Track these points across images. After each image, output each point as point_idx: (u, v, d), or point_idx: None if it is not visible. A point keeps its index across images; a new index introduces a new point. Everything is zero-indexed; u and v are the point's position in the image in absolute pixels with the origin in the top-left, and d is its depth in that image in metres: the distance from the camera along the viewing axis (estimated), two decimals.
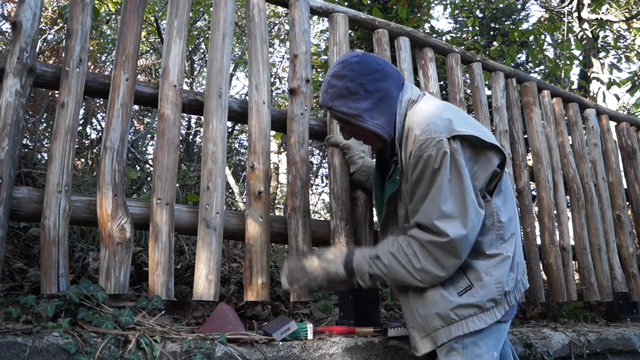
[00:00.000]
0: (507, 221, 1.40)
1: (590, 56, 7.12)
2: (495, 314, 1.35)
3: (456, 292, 1.36)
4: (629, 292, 2.90)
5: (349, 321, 1.80)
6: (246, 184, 1.82)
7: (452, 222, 1.29)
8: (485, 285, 1.34)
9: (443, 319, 1.36)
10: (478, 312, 1.34)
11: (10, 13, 4.72)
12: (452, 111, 1.40)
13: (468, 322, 1.34)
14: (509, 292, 1.38)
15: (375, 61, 1.43)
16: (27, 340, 1.13)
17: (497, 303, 1.35)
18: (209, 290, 1.58)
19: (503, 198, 1.42)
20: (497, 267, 1.36)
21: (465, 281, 1.37)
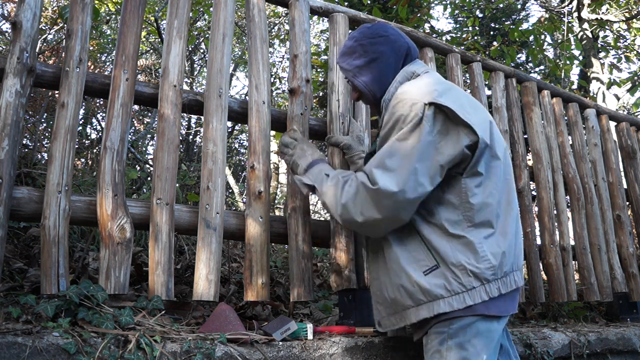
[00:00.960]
0: (479, 205, 1.34)
1: (590, 56, 7.12)
2: (465, 300, 1.30)
3: (421, 271, 1.34)
4: (629, 292, 2.90)
5: (349, 321, 1.80)
6: (246, 184, 1.82)
7: (387, 175, 1.31)
8: (450, 266, 1.31)
9: (412, 298, 1.36)
10: (445, 295, 1.31)
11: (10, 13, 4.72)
12: (445, 86, 1.40)
13: (434, 304, 1.32)
14: (486, 280, 1.31)
15: (383, 28, 1.53)
16: (27, 340, 1.13)
17: (466, 288, 1.30)
18: (209, 290, 1.58)
19: (482, 182, 1.35)
20: (461, 250, 1.32)
21: (431, 259, 1.34)
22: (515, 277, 1.39)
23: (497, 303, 1.34)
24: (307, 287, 1.75)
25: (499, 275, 1.34)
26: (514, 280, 1.38)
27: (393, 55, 1.50)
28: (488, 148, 1.36)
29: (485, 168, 1.37)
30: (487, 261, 1.32)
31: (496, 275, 1.33)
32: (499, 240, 1.36)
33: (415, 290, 1.34)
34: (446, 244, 1.33)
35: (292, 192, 1.85)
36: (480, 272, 1.31)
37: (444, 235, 1.34)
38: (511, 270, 1.38)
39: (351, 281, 1.79)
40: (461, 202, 1.34)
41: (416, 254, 1.36)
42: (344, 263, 1.81)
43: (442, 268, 1.32)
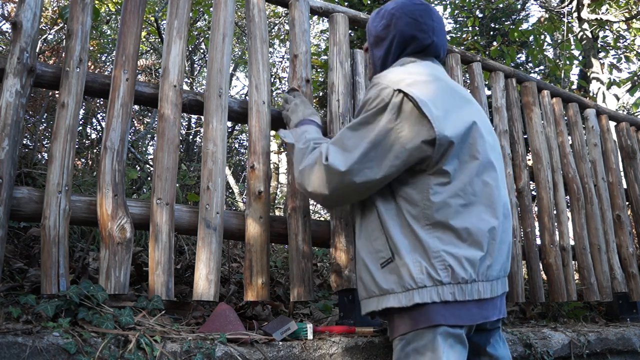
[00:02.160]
0: (439, 204, 1.28)
1: (590, 56, 7.12)
2: (414, 297, 1.25)
3: (379, 263, 1.34)
4: (628, 292, 2.90)
5: (349, 321, 1.80)
6: (246, 184, 1.82)
7: (339, 154, 1.33)
8: (406, 261, 1.27)
9: (366, 289, 1.36)
10: (397, 290, 1.28)
11: (10, 13, 4.72)
12: (425, 77, 1.36)
13: (383, 298, 1.30)
14: (439, 282, 1.25)
15: (408, 10, 1.48)
16: (27, 340, 1.13)
17: (417, 285, 1.25)
18: (209, 290, 1.58)
19: (449, 182, 1.30)
20: (417, 247, 1.27)
21: (388, 252, 1.32)
22: (480, 287, 1.28)
23: (459, 312, 1.26)
24: (307, 287, 1.75)
25: (456, 280, 1.26)
26: (477, 290, 1.28)
27: (396, 41, 1.50)
28: (458, 147, 1.30)
29: (456, 168, 1.31)
30: (441, 262, 1.26)
31: (451, 280, 1.26)
32: (459, 245, 1.28)
33: (369, 281, 1.35)
34: (404, 239, 1.30)
35: (292, 192, 1.85)
36: (433, 272, 1.26)
37: (404, 229, 1.31)
38: (475, 279, 1.28)
39: (351, 281, 1.79)
40: (422, 199, 1.30)
41: (376, 244, 1.36)
42: (344, 263, 1.81)
43: (397, 262, 1.29)
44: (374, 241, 1.36)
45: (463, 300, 1.26)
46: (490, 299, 1.33)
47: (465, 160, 1.33)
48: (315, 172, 1.36)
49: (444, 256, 1.26)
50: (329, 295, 2.75)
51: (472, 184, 1.32)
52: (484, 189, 1.34)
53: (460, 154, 1.32)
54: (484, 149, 1.36)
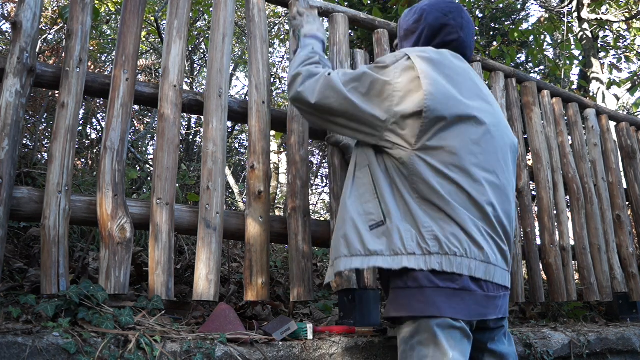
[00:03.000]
0: (425, 182, 1.30)
1: (590, 56, 7.12)
2: (403, 262, 1.26)
3: (368, 225, 1.33)
4: (628, 292, 2.90)
5: (349, 321, 1.80)
6: (246, 184, 1.82)
7: (341, 74, 1.44)
8: (397, 225, 1.29)
9: (349, 247, 1.34)
10: (386, 253, 1.28)
11: (10, 13, 4.72)
12: (438, 57, 1.41)
13: (370, 258, 1.29)
14: (428, 251, 1.26)
15: (439, 7, 1.55)
16: (27, 340, 1.13)
17: (407, 251, 1.26)
18: (209, 290, 1.58)
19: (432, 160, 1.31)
20: (407, 216, 1.30)
21: (380, 215, 1.33)
22: (471, 264, 1.28)
23: (456, 305, 1.26)
24: (307, 287, 1.75)
25: (444, 251, 1.26)
26: (467, 266, 1.27)
27: (424, 32, 1.56)
28: (445, 128, 1.31)
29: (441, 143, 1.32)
30: (430, 233, 1.27)
31: (439, 250, 1.26)
32: (448, 222, 1.29)
33: (356, 240, 1.33)
34: (395, 206, 1.32)
35: (292, 192, 1.85)
36: (422, 242, 1.27)
37: (396, 197, 1.33)
38: (465, 255, 1.28)
39: (351, 281, 1.79)
40: (409, 174, 1.32)
41: (367, 206, 1.36)
42: None
43: (388, 226, 1.30)
44: (365, 203, 1.37)
45: (451, 272, 1.26)
46: (490, 297, 1.32)
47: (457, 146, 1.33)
48: (312, 79, 1.46)
49: (434, 228, 1.28)
50: (329, 295, 2.75)
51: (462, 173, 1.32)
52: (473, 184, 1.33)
53: (441, 129, 1.32)
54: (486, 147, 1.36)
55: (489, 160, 1.36)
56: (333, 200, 1.91)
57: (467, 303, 1.27)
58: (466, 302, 1.27)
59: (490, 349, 1.43)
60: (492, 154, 1.38)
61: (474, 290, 1.28)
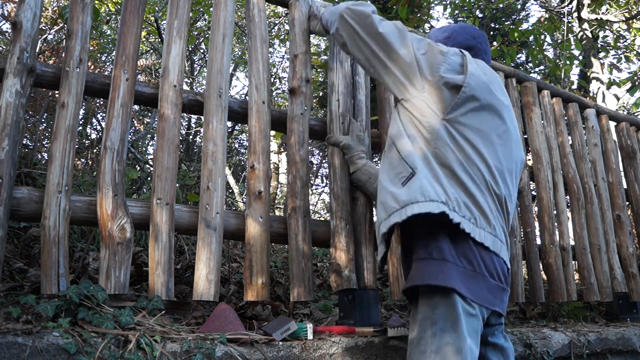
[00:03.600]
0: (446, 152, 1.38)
1: (590, 56, 7.12)
2: (440, 207, 1.30)
3: (400, 183, 1.39)
4: (628, 292, 2.90)
5: (349, 321, 1.80)
6: (246, 184, 1.82)
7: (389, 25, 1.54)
8: (427, 177, 1.35)
9: (386, 210, 1.39)
10: (420, 199, 1.32)
11: (10, 13, 4.72)
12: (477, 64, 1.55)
13: (407, 208, 1.32)
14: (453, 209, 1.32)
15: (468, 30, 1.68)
16: (27, 340, 1.13)
17: (439, 199, 1.31)
18: (209, 290, 1.58)
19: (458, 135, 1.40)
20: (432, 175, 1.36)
21: (408, 170, 1.38)
22: (481, 233, 1.35)
23: (472, 287, 1.30)
24: (307, 287, 1.75)
25: (462, 214, 1.33)
26: (479, 233, 1.34)
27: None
28: (476, 101, 1.41)
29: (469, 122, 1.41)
30: (451, 193, 1.34)
31: (459, 212, 1.33)
32: (461, 190, 1.36)
33: (391, 200, 1.38)
34: (422, 163, 1.38)
35: (292, 192, 1.85)
36: (446, 198, 1.33)
37: (422, 157, 1.39)
38: (476, 224, 1.35)
39: (351, 281, 1.79)
40: (433, 138, 1.40)
41: (396, 169, 1.42)
42: (344, 263, 1.81)
43: (419, 175, 1.35)
44: (394, 169, 1.44)
45: (471, 235, 1.32)
46: (499, 288, 1.37)
47: (480, 119, 1.43)
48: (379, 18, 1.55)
49: (454, 192, 1.35)
50: (329, 295, 2.75)
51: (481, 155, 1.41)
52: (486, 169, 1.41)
53: (470, 107, 1.42)
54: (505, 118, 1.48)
55: (505, 155, 1.46)
56: (333, 200, 1.91)
57: (481, 287, 1.33)
58: (480, 286, 1.32)
59: (492, 342, 1.49)
60: (508, 153, 1.47)
61: (486, 277, 1.34)
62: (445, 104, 1.41)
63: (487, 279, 1.34)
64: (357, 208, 1.94)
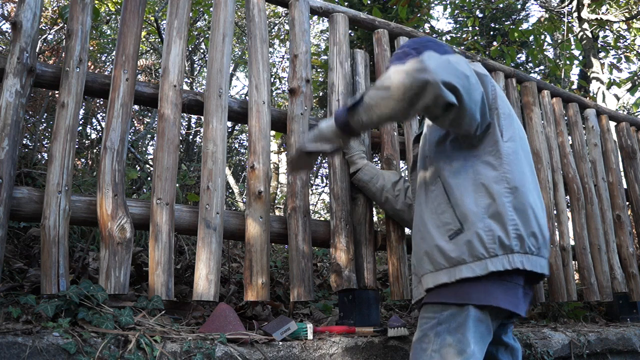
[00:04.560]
0: (517, 169, 1.36)
1: (590, 56, 7.12)
2: (488, 266, 1.26)
3: (447, 235, 1.33)
4: (628, 292, 2.90)
5: (349, 321, 1.80)
6: (246, 184, 1.82)
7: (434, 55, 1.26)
8: (475, 231, 1.29)
9: (432, 262, 1.35)
10: (468, 260, 1.28)
11: (10, 13, 4.72)
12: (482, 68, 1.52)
13: (455, 270, 1.29)
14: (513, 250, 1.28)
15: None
16: (27, 340, 1.13)
17: (489, 254, 1.27)
18: (209, 290, 1.58)
19: (511, 144, 1.38)
20: (489, 214, 1.30)
21: (456, 223, 1.33)
22: (541, 262, 1.33)
23: (513, 302, 1.29)
24: (307, 287, 1.75)
25: (524, 249, 1.30)
26: (539, 264, 1.32)
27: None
28: (509, 116, 1.42)
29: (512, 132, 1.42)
30: (515, 229, 1.29)
31: (520, 249, 1.29)
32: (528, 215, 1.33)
33: (438, 254, 1.33)
34: (474, 206, 1.32)
35: (292, 192, 1.85)
36: (505, 240, 1.28)
37: (478, 194, 1.33)
38: (537, 252, 1.32)
39: (351, 281, 1.79)
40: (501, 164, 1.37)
41: (443, 217, 1.36)
42: (344, 263, 1.81)
43: (467, 232, 1.30)
44: (441, 214, 1.37)
45: (531, 270, 1.29)
46: (528, 295, 1.36)
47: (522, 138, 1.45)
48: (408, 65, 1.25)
49: (517, 222, 1.30)
50: (329, 295, 2.75)
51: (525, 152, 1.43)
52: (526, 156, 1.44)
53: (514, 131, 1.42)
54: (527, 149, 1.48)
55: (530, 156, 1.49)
56: (333, 200, 1.91)
57: (515, 296, 1.31)
58: (515, 296, 1.31)
59: (504, 341, 1.48)
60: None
61: (520, 285, 1.32)
62: (500, 128, 1.38)
63: (519, 287, 1.32)
64: (357, 208, 1.94)
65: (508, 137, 1.39)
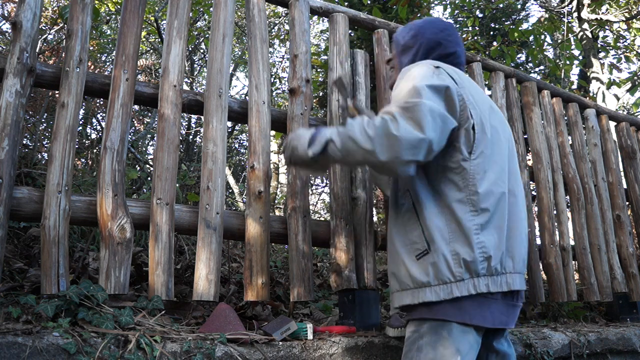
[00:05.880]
0: (486, 191, 1.31)
1: (590, 56, 7.12)
2: (453, 290, 1.26)
3: (414, 255, 1.33)
4: (628, 292, 2.90)
5: (349, 321, 1.80)
6: (246, 184, 1.82)
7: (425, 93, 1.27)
8: (442, 255, 1.28)
9: (399, 282, 1.36)
10: (433, 283, 1.28)
11: (10, 13, 4.72)
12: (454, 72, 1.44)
13: (419, 292, 1.29)
14: (479, 274, 1.27)
15: (434, 24, 1.58)
16: (27, 340, 1.13)
17: (455, 278, 1.27)
18: (209, 290, 1.58)
19: (480, 160, 1.33)
20: (455, 237, 1.29)
21: (423, 243, 1.31)
22: (508, 279, 1.32)
23: (489, 317, 1.29)
24: (307, 287, 1.75)
25: (490, 272, 1.29)
26: (506, 281, 1.31)
27: (421, 50, 1.56)
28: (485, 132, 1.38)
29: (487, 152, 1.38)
30: (482, 252, 1.28)
31: (487, 272, 1.28)
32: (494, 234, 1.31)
33: (404, 274, 1.34)
34: (441, 227, 1.31)
35: (292, 192, 1.85)
36: (472, 264, 1.27)
37: (444, 215, 1.32)
38: (504, 271, 1.31)
39: (351, 281, 1.79)
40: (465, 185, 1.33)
41: (411, 235, 1.35)
42: (344, 263, 1.81)
43: (433, 254, 1.29)
44: (409, 232, 1.36)
45: (495, 291, 1.29)
46: (514, 307, 1.36)
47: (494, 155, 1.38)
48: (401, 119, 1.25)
49: (485, 243, 1.29)
50: (329, 295, 2.75)
51: (505, 171, 1.39)
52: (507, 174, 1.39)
53: (488, 148, 1.37)
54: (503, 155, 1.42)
55: (508, 166, 1.43)
56: (333, 200, 1.91)
57: (492, 310, 1.30)
58: (493, 310, 1.30)
59: (496, 348, 1.47)
60: (512, 162, 1.46)
61: (499, 300, 1.31)
62: (467, 145, 1.34)
63: (499, 301, 1.31)
64: (357, 208, 1.94)
65: (479, 151, 1.34)
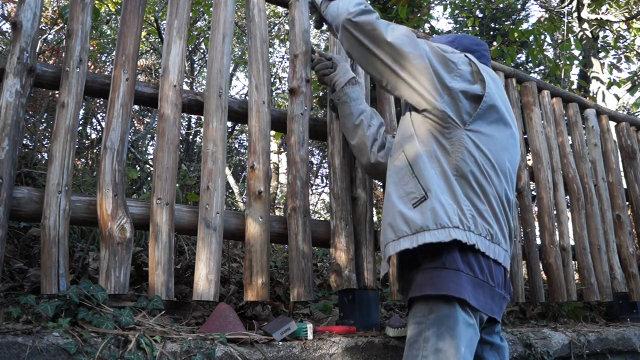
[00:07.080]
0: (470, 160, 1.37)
1: (590, 56, 7.12)
2: (451, 234, 1.29)
3: (411, 204, 1.36)
4: (628, 292, 2.90)
5: (349, 321, 1.80)
6: (246, 184, 1.82)
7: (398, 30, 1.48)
8: (440, 201, 1.32)
9: (395, 231, 1.36)
10: (432, 227, 1.30)
11: (10, 13, 4.71)
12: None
13: (418, 236, 1.31)
14: (468, 228, 1.31)
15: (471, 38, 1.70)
16: (27, 340, 1.13)
17: (452, 224, 1.30)
18: (209, 290, 1.58)
19: (479, 143, 1.39)
20: (447, 190, 1.34)
21: (420, 191, 1.35)
22: (496, 249, 1.36)
23: (477, 296, 1.31)
24: (307, 287, 1.75)
25: (478, 232, 1.33)
26: (493, 250, 1.35)
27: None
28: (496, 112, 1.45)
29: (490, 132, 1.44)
30: (469, 210, 1.34)
31: (475, 230, 1.32)
32: (481, 203, 1.37)
33: (401, 222, 1.36)
34: (435, 180, 1.35)
35: (292, 192, 1.85)
36: (462, 217, 1.32)
37: (436, 171, 1.37)
38: (492, 240, 1.35)
39: (351, 281, 1.79)
40: (453, 150, 1.39)
41: (407, 187, 1.39)
42: (344, 263, 1.81)
43: (432, 200, 1.33)
44: (404, 185, 1.40)
45: (485, 253, 1.33)
46: (501, 297, 1.39)
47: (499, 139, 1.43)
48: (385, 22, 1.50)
49: (471, 207, 1.34)
50: (329, 295, 2.75)
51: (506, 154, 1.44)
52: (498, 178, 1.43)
53: (497, 130, 1.43)
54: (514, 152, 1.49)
55: (511, 160, 1.47)
56: (333, 200, 1.91)
57: (487, 296, 1.33)
58: (486, 295, 1.33)
59: (488, 341, 1.50)
60: (512, 157, 1.49)
61: (493, 287, 1.35)
62: (466, 114, 1.39)
63: (493, 289, 1.35)
64: (357, 208, 1.94)
65: (476, 127, 1.40)
